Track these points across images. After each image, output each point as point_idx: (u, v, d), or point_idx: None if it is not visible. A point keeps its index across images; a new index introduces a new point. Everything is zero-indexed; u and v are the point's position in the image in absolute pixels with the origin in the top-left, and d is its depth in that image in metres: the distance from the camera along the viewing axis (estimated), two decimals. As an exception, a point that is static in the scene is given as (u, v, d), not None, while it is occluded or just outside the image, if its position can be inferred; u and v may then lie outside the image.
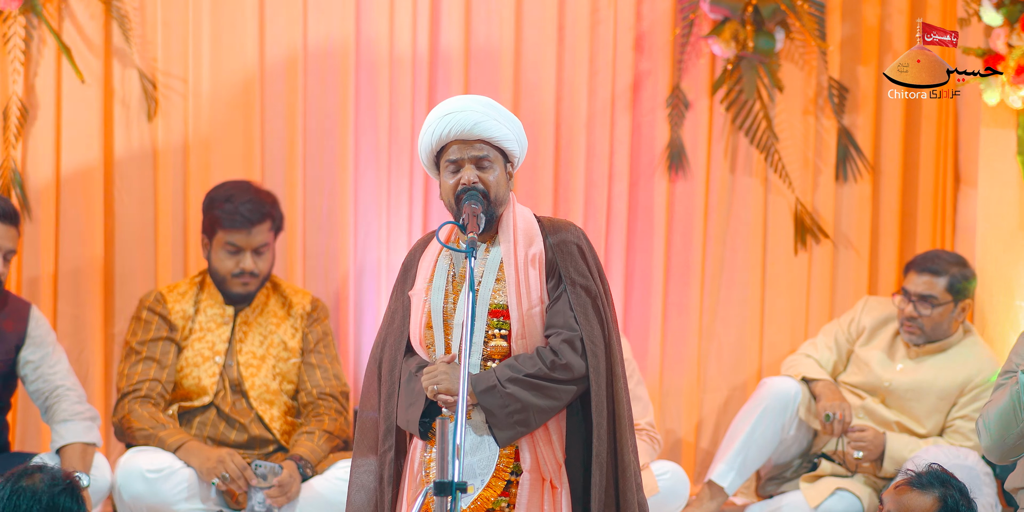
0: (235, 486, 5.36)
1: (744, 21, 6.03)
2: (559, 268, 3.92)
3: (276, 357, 5.63)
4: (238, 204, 5.54)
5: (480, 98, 3.97)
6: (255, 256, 5.57)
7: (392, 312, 4.04)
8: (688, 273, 6.18)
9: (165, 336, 5.58)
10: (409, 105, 5.98)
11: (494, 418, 3.83)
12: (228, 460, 5.37)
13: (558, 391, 3.85)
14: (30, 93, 5.82)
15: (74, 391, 5.40)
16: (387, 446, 3.97)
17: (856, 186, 6.22)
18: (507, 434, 3.84)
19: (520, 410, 3.82)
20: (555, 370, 3.85)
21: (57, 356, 5.42)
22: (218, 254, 5.57)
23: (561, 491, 3.87)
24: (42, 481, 3.67)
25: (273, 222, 5.61)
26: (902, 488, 4.03)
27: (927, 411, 5.78)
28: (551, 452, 3.88)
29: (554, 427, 3.90)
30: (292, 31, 5.93)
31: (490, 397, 3.82)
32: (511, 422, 3.82)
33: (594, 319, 3.90)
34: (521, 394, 3.82)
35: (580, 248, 3.94)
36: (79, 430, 5.33)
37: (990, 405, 4.40)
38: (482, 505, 3.88)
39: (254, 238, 5.56)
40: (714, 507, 5.81)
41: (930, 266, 5.77)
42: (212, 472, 5.36)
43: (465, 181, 3.90)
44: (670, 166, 6.14)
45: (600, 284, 3.95)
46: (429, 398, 3.87)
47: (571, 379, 3.86)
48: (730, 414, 6.09)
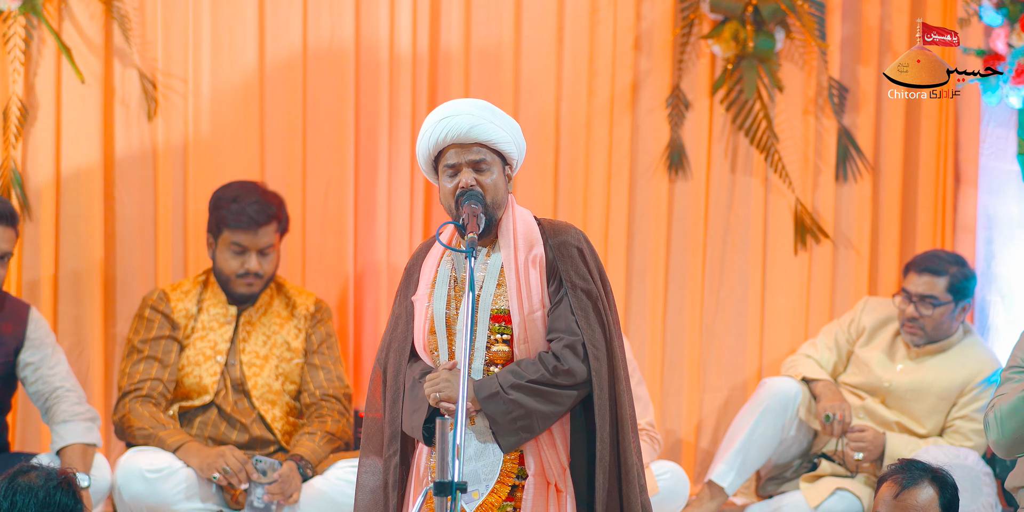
0: (235, 479, 5.36)
1: (744, 21, 6.03)
2: (560, 271, 3.92)
3: (279, 357, 5.63)
4: (245, 205, 5.54)
5: (476, 101, 3.97)
6: (260, 257, 5.57)
7: (396, 317, 4.04)
8: (688, 273, 6.17)
9: (168, 334, 5.58)
10: (410, 105, 5.98)
11: (497, 425, 3.83)
12: (228, 454, 5.38)
13: (561, 396, 3.85)
14: (30, 93, 5.82)
15: (74, 392, 5.40)
16: (392, 451, 3.96)
17: (856, 186, 6.22)
18: (511, 440, 3.84)
19: (523, 416, 3.83)
20: (558, 376, 3.85)
21: (57, 358, 5.42)
22: (223, 254, 5.57)
23: (566, 494, 3.87)
24: (38, 478, 3.68)
25: (279, 224, 5.61)
26: (898, 495, 4.01)
27: (927, 411, 5.78)
28: (555, 455, 3.89)
29: (558, 431, 3.90)
30: (292, 31, 5.93)
31: (493, 404, 3.82)
32: (514, 428, 3.83)
33: (595, 322, 3.90)
34: (524, 400, 3.82)
35: (581, 250, 3.94)
36: (79, 431, 5.33)
37: (1002, 399, 4.35)
38: (487, 510, 3.88)
39: (260, 239, 5.56)
40: (714, 507, 5.81)
41: (930, 266, 5.77)
42: (212, 466, 5.36)
43: (463, 184, 3.89)
44: (670, 166, 6.14)
45: (601, 286, 3.95)
46: (432, 405, 3.87)
47: (573, 384, 3.86)
48: (730, 414, 6.09)
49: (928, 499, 3.98)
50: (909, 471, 4.04)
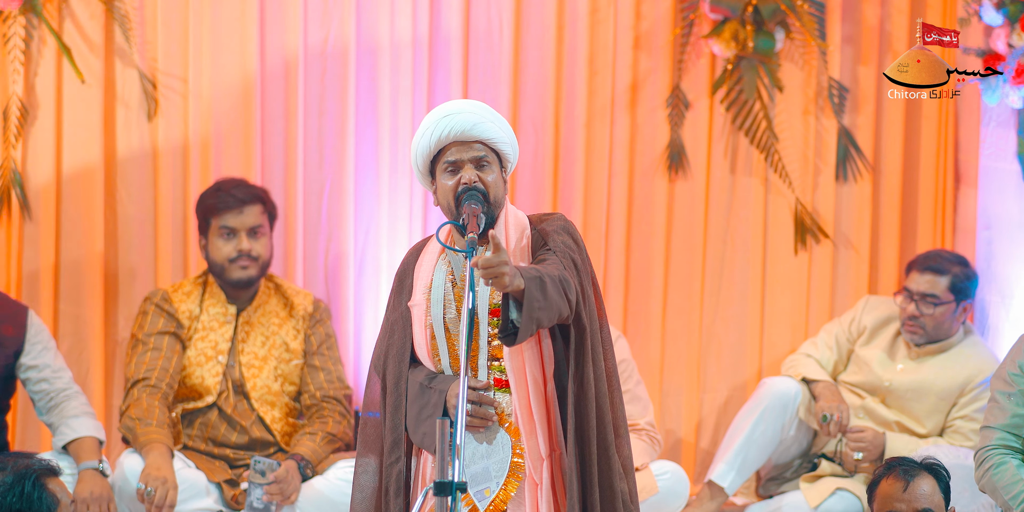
0: (148, 504, 5.26)
1: (744, 21, 6.03)
2: (545, 244, 3.91)
3: (278, 358, 5.63)
4: (227, 189, 5.60)
5: (473, 102, 3.98)
6: (251, 238, 5.58)
7: (392, 323, 4.01)
8: (688, 273, 6.17)
9: (172, 331, 5.58)
10: (409, 105, 5.98)
11: (530, 308, 3.71)
12: (169, 485, 5.28)
13: (563, 298, 3.78)
14: (30, 93, 5.82)
15: (83, 395, 5.44)
16: (394, 458, 3.94)
17: (856, 186, 6.22)
18: (530, 328, 3.74)
19: (542, 307, 3.73)
20: (564, 282, 3.81)
21: (59, 362, 5.44)
22: (215, 243, 5.58)
23: (540, 487, 3.86)
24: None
25: (264, 206, 5.63)
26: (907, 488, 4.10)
27: (927, 411, 5.78)
28: (535, 445, 3.87)
29: (540, 418, 3.87)
30: (292, 31, 5.93)
31: (534, 284, 3.71)
32: (533, 317, 3.72)
33: (581, 283, 3.87)
34: (552, 289, 3.75)
35: (566, 230, 3.93)
36: (92, 426, 5.36)
37: (996, 472, 4.44)
38: (499, 506, 3.87)
39: (247, 218, 5.57)
40: (714, 507, 5.81)
41: (932, 265, 5.77)
42: (148, 478, 5.28)
43: (466, 180, 3.89)
44: (670, 166, 6.14)
45: (585, 262, 3.92)
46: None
47: (568, 298, 3.80)
48: (730, 414, 6.09)
49: (932, 487, 4.15)
50: (904, 466, 4.17)
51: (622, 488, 3.89)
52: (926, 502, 4.11)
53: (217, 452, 5.59)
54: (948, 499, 4.18)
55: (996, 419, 4.47)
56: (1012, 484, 4.42)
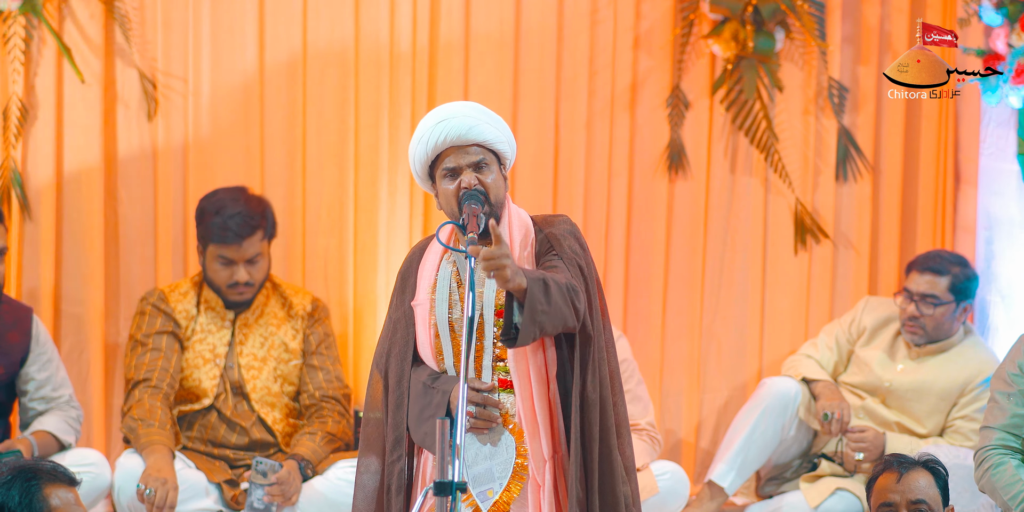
0: (148, 504, 5.26)
1: (744, 21, 6.03)
2: (552, 249, 3.90)
3: (277, 359, 5.63)
4: (226, 218, 5.50)
5: (468, 103, 3.97)
6: (248, 266, 5.56)
7: (394, 322, 4.01)
8: (688, 273, 6.18)
9: (170, 331, 5.58)
10: (410, 105, 5.98)
11: (531, 309, 3.71)
12: (169, 486, 5.29)
13: (570, 307, 3.79)
14: (30, 93, 5.82)
15: (75, 410, 5.46)
16: (396, 456, 3.94)
17: (856, 186, 6.22)
18: (532, 331, 3.73)
19: (545, 312, 3.73)
20: (572, 291, 3.81)
21: (60, 376, 5.47)
22: (212, 265, 5.57)
23: (543, 489, 3.86)
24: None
25: (264, 231, 5.58)
26: (900, 479, 4.11)
27: (927, 411, 5.78)
28: (538, 447, 3.87)
29: (543, 419, 3.87)
30: (292, 31, 5.93)
31: (536, 286, 3.72)
32: (535, 320, 3.72)
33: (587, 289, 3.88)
34: (557, 295, 3.76)
35: (573, 234, 3.94)
36: (61, 427, 5.38)
37: (997, 459, 4.45)
38: (502, 507, 3.87)
39: (246, 251, 5.54)
40: (714, 507, 5.81)
41: (932, 266, 5.77)
42: (148, 479, 5.29)
43: (466, 184, 3.88)
44: (670, 166, 6.14)
45: (590, 266, 3.92)
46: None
47: (575, 307, 3.81)
48: (730, 414, 6.09)
49: (928, 481, 4.14)
50: (900, 460, 4.18)
51: (624, 492, 3.90)
52: (920, 494, 4.10)
53: (217, 453, 5.58)
54: (946, 498, 4.17)
55: (996, 419, 4.48)
56: (1011, 484, 4.42)
